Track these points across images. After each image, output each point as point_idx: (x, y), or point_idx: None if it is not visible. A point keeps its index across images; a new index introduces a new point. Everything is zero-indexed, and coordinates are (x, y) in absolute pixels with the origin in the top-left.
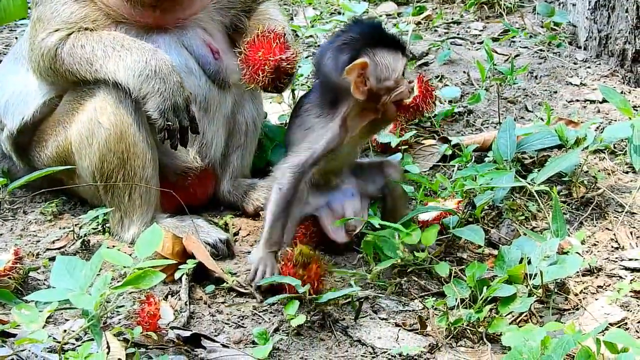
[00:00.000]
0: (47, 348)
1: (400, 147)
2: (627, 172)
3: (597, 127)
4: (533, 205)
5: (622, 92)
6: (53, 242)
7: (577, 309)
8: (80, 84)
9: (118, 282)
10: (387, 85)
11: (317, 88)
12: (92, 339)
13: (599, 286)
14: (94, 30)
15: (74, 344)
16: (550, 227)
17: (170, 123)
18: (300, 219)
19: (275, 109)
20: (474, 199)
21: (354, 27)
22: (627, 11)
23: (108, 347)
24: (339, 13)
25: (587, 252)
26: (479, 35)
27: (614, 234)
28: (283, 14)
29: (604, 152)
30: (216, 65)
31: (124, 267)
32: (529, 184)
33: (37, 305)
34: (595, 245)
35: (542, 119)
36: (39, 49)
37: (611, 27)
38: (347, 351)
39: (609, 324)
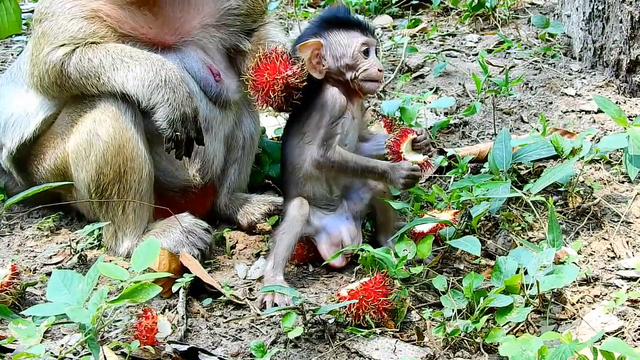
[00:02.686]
0: None
1: None
2: (622, 182)
3: (593, 138)
4: (529, 215)
5: (617, 102)
6: (50, 257)
7: (574, 319)
8: (81, 96)
9: (115, 296)
10: (346, 63)
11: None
12: (90, 353)
13: (595, 296)
14: (100, 44)
15: (71, 359)
16: (547, 238)
17: (178, 133)
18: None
19: (271, 122)
20: (470, 209)
21: (320, 14)
22: (621, 22)
23: None
24: None
25: (583, 261)
26: (474, 47)
27: (610, 244)
28: (284, 33)
29: (600, 162)
30: (217, 87)
31: (121, 280)
32: (525, 194)
33: (34, 320)
34: (591, 254)
35: (537, 129)
36: (43, 64)
37: (606, 38)
38: None
39: (606, 333)
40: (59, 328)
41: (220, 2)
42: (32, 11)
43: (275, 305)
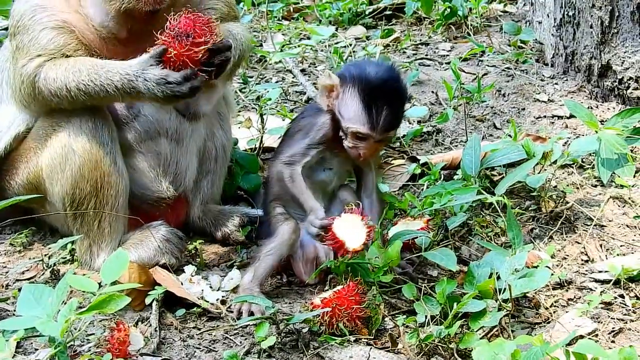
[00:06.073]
0: None
1: None
2: (595, 186)
3: (565, 142)
4: (502, 221)
5: (589, 107)
6: (22, 272)
7: (549, 322)
8: (56, 110)
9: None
10: (341, 124)
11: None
12: None
13: (569, 299)
14: (64, 59)
15: None
16: (508, 236)
17: (160, 92)
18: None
19: (244, 134)
20: (447, 221)
21: (376, 70)
22: (591, 27)
23: None
24: (308, 38)
25: (557, 265)
26: (447, 55)
27: (584, 247)
28: (248, 31)
29: (572, 167)
30: (185, 101)
31: (91, 292)
32: (489, 196)
33: (4, 335)
34: (565, 258)
35: (510, 135)
36: (19, 77)
37: (577, 43)
38: None
39: (580, 335)
40: (31, 343)
41: None
42: (5, 29)
43: (252, 314)
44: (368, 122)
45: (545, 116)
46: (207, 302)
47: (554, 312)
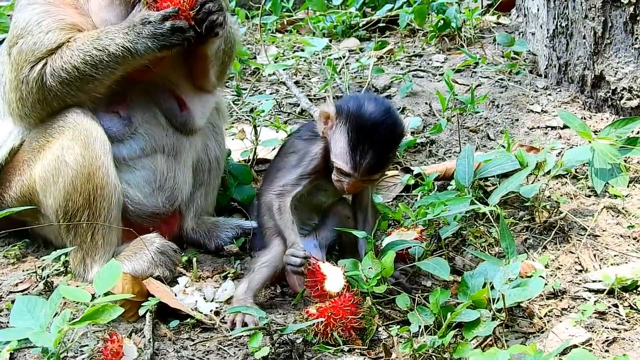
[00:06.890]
0: None
1: None
2: (589, 196)
3: (559, 153)
4: (496, 231)
5: (582, 118)
6: (16, 284)
7: (542, 332)
8: (48, 121)
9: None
10: (330, 154)
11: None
12: None
13: (563, 309)
14: (64, 45)
15: None
16: (501, 245)
17: (147, 34)
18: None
19: (238, 145)
20: (440, 230)
21: (375, 109)
22: (584, 37)
23: None
24: (301, 50)
25: (551, 275)
26: (441, 66)
27: (577, 257)
28: (238, 24)
29: (566, 177)
30: (182, 117)
31: (84, 304)
32: (482, 206)
33: None
34: (559, 268)
35: (503, 146)
36: (25, 84)
37: (570, 54)
38: None
39: (574, 345)
40: (25, 354)
41: None
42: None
43: (245, 324)
44: (351, 162)
45: (538, 127)
46: (201, 313)
47: (548, 321)
